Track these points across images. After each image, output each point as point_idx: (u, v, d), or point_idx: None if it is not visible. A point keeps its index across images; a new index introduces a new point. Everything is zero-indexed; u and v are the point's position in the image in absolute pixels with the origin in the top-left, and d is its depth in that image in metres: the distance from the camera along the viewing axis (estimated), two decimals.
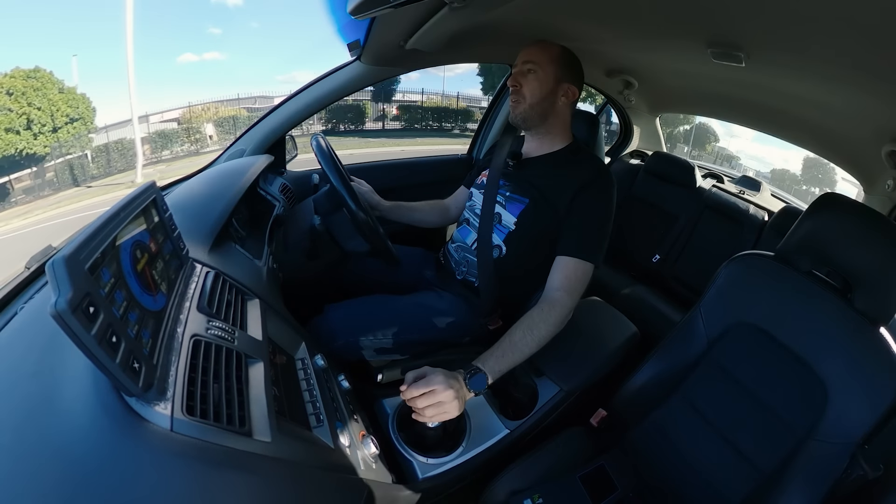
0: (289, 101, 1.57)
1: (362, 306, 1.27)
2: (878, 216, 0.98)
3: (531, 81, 1.22)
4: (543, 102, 1.24)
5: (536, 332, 1.05)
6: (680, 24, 1.29)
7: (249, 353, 0.67)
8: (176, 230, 0.72)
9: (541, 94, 1.23)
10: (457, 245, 1.40)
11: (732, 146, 28.50)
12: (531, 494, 0.96)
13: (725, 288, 1.13)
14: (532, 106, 1.24)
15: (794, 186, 20.86)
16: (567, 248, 1.17)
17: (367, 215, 1.20)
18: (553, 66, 1.22)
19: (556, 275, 1.15)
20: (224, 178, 1.24)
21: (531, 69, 1.22)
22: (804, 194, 14.34)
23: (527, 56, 1.24)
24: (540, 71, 1.22)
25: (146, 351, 0.50)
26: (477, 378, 0.95)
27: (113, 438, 0.44)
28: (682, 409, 1.11)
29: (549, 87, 1.23)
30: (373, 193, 1.49)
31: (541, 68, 1.22)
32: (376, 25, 1.20)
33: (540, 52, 1.23)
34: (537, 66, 1.22)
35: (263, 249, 1.14)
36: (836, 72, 1.19)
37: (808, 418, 0.94)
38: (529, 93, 1.23)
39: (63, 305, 0.39)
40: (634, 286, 2.27)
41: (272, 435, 0.56)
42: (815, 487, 0.89)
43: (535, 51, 1.24)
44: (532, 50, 1.25)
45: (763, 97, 1.68)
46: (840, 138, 1.69)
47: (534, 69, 1.22)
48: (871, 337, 0.91)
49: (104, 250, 0.48)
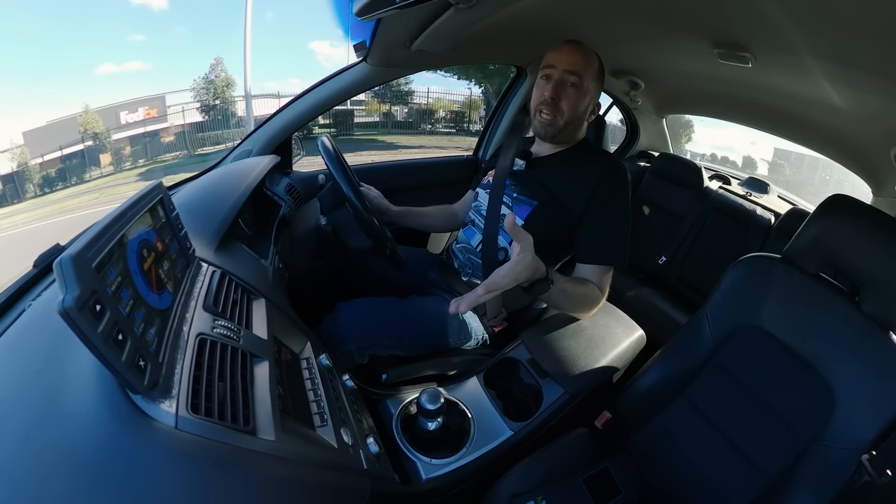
0: (295, 102, 1.57)
1: (371, 309, 1.25)
2: (886, 218, 0.97)
3: (572, 96, 1.13)
4: (578, 121, 1.18)
5: (582, 300, 1.11)
6: (687, 25, 1.29)
7: (255, 351, 0.67)
8: (182, 229, 0.73)
9: (581, 112, 1.16)
10: (461, 246, 1.39)
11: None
12: (534, 496, 0.96)
13: (732, 290, 1.12)
14: (569, 123, 1.17)
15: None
16: (590, 255, 1.16)
17: (370, 213, 1.20)
18: (595, 82, 1.15)
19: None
20: (230, 179, 1.24)
21: (574, 84, 1.13)
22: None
23: (570, 65, 1.12)
24: (582, 85, 1.13)
25: (152, 349, 0.51)
26: (540, 282, 0.97)
27: (118, 435, 0.45)
28: (688, 412, 1.10)
29: (587, 104, 1.15)
30: (381, 198, 1.47)
31: (584, 82, 1.13)
32: (382, 26, 1.20)
33: (585, 64, 1.13)
34: (580, 80, 1.13)
35: (269, 249, 1.14)
36: (844, 73, 1.18)
37: (815, 423, 0.93)
38: (569, 108, 1.15)
39: (70, 303, 0.40)
40: (640, 288, 2.27)
41: (276, 434, 0.56)
42: (821, 493, 0.88)
43: (580, 61, 1.13)
44: (576, 59, 1.13)
45: (770, 98, 1.67)
46: (848, 140, 1.67)
47: (577, 83, 1.13)
48: (880, 341, 0.90)
49: (111, 249, 0.49)
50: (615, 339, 1.26)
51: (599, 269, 1.15)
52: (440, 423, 0.98)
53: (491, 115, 2.37)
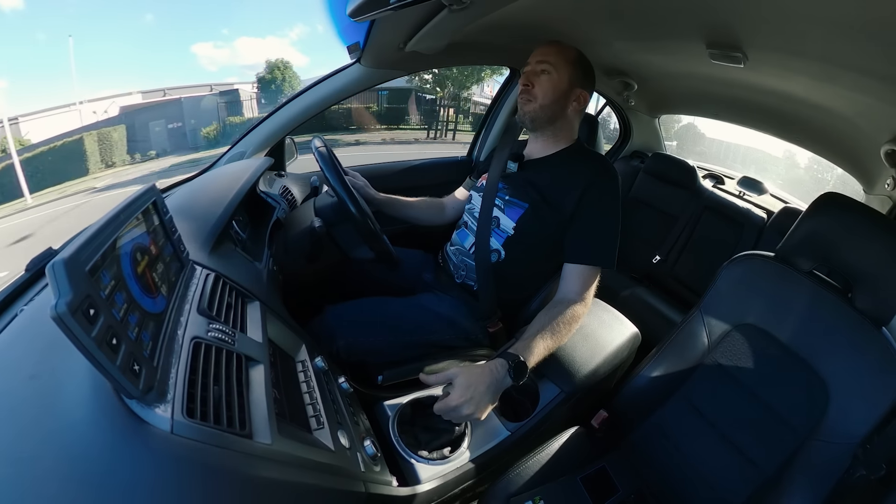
0: (289, 104, 1.57)
1: (362, 307, 1.26)
2: (878, 216, 0.98)
3: (544, 82, 1.20)
4: (554, 105, 1.22)
5: (558, 335, 1.06)
6: (678, 26, 1.30)
7: (250, 355, 0.67)
8: (176, 232, 0.72)
9: (553, 97, 1.21)
10: (455, 248, 1.40)
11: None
12: (532, 496, 0.96)
13: (726, 288, 1.13)
14: (543, 107, 1.22)
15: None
16: (577, 254, 1.16)
17: (366, 218, 1.20)
18: (568, 69, 1.20)
19: (568, 282, 1.16)
20: (224, 181, 1.24)
21: (545, 70, 1.20)
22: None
23: (542, 55, 1.21)
24: (554, 73, 1.19)
25: (146, 353, 0.50)
26: (519, 366, 0.95)
27: (113, 441, 0.44)
28: (684, 410, 1.11)
29: (561, 90, 1.20)
30: (367, 187, 1.50)
31: (555, 70, 1.19)
32: (376, 28, 1.20)
33: (556, 52, 1.21)
34: (552, 67, 1.19)
35: (263, 252, 1.14)
36: (835, 72, 1.19)
37: (810, 418, 0.94)
38: (542, 93, 1.20)
39: (63, 308, 0.39)
40: (635, 287, 2.28)
41: (273, 437, 0.56)
42: (818, 488, 0.89)
43: (551, 51, 1.21)
44: (548, 50, 1.22)
45: (762, 98, 1.68)
46: (839, 138, 1.69)
47: (548, 70, 1.19)
48: (873, 336, 0.91)
49: (104, 252, 0.48)
50: (610, 339, 1.27)
51: (586, 269, 1.15)
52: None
53: (484, 117, 2.37)
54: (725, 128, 10.28)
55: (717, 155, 14.29)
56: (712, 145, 15.03)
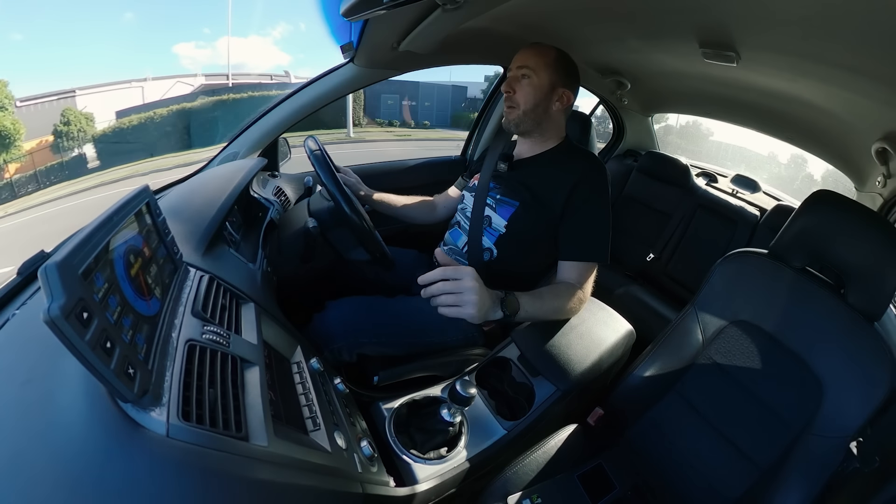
0: (282, 104, 1.56)
1: (360, 307, 1.26)
2: (869, 212, 0.99)
3: (525, 87, 1.20)
4: (537, 108, 1.22)
5: (564, 301, 1.11)
6: (671, 25, 1.30)
7: (245, 357, 0.66)
8: (169, 234, 0.72)
9: (535, 101, 1.21)
10: (448, 248, 1.40)
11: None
12: (530, 495, 0.96)
13: (720, 286, 1.14)
14: (526, 112, 1.22)
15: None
16: (570, 251, 1.17)
17: (362, 220, 1.20)
18: (548, 72, 1.20)
19: (564, 279, 1.17)
20: (217, 182, 1.23)
21: (525, 74, 1.20)
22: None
23: (521, 61, 1.21)
24: (534, 76, 1.20)
25: (141, 356, 0.50)
26: (511, 299, 0.99)
27: (109, 445, 0.44)
28: (679, 406, 1.11)
29: (543, 92, 1.21)
30: (360, 184, 1.51)
31: (535, 73, 1.19)
32: (369, 27, 1.20)
33: (535, 56, 1.21)
34: (532, 72, 1.20)
35: (257, 253, 1.13)
36: (827, 71, 1.20)
37: (805, 413, 0.95)
38: (523, 99, 1.21)
39: (56, 311, 0.39)
40: (629, 285, 2.29)
41: (269, 439, 0.56)
42: (813, 481, 0.90)
43: (530, 55, 1.21)
44: (527, 54, 1.22)
45: (755, 97, 1.69)
46: (831, 136, 1.71)
47: (528, 74, 1.20)
48: (865, 332, 0.92)
49: (97, 255, 0.48)
50: (605, 336, 1.27)
51: (581, 265, 1.16)
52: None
53: (478, 117, 2.38)
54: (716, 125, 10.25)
55: (708, 153, 14.51)
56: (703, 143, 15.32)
